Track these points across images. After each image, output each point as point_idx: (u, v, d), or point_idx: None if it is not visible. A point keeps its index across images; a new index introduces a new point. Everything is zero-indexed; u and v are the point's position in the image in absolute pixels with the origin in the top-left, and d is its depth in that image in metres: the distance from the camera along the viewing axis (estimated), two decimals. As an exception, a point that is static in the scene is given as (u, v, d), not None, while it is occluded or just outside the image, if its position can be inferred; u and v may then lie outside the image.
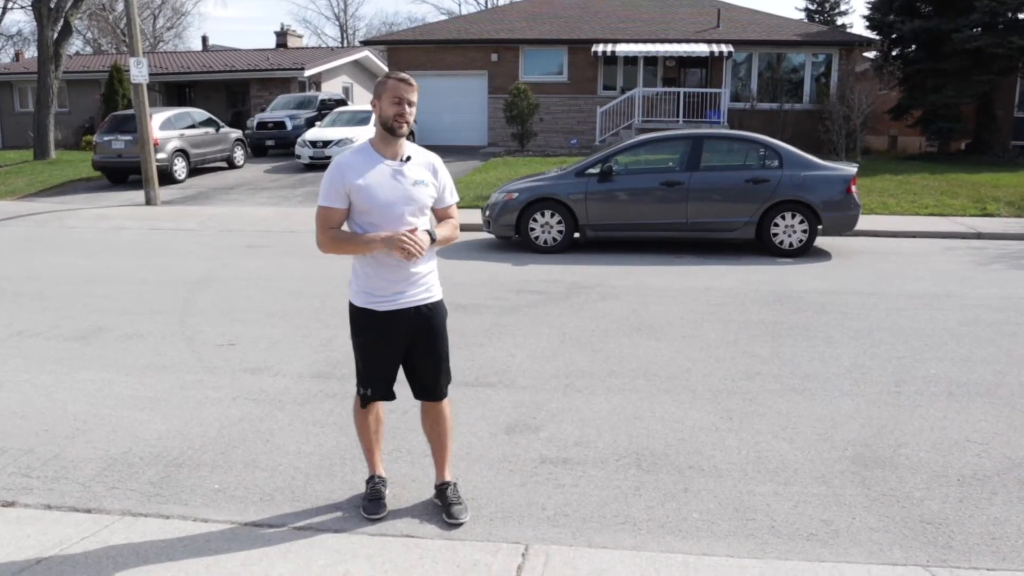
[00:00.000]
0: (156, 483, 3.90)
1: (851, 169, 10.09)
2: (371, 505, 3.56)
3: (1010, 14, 19.57)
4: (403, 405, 4.46)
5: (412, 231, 3.19)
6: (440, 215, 3.45)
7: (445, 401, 3.56)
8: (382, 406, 3.64)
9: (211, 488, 3.85)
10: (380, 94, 3.23)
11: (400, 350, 3.42)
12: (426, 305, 3.39)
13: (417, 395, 3.56)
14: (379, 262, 3.28)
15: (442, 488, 3.61)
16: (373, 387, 3.46)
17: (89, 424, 4.65)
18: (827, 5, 36.82)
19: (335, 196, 3.23)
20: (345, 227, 3.34)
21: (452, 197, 3.47)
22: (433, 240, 3.28)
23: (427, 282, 3.40)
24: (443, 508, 3.55)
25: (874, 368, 5.59)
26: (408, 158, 3.29)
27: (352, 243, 3.26)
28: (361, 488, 3.75)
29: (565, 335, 6.48)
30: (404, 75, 3.24)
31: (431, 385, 3.50)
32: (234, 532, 3.42)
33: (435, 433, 3.61)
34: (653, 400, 5.00)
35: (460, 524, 3.46)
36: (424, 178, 3.30)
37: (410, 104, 3.21)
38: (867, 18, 22.58)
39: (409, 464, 4.07)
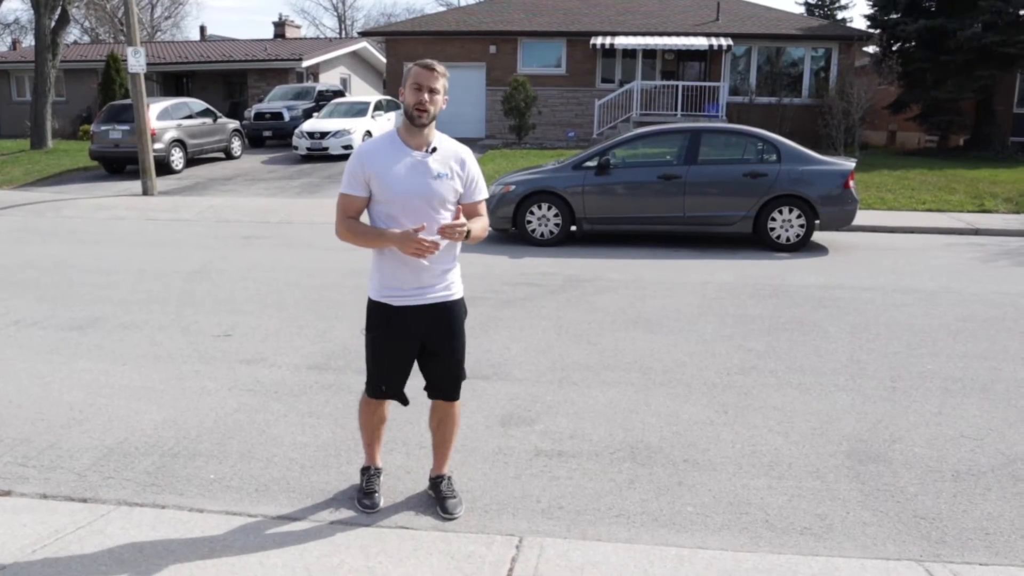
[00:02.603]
0: (152, 473, 3.90)
1: (849, 164, 10.09)
2: (366, 497, 3.56)
3: (1012, 10, 19.52)
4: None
5: (453, 225, 3.03)
6: (468, 211, 3.28)
7: (456, 401, 3.52)
8: (388, 405, 3.57)
9: (207, 478, 3.85)
10: (405, 82, 3.13)
11: (413, 348, 3.34)
12: (444, 303, 3.30)
13: (429, 394, 3.49)
14: (399, 257, 3.17)
15: (437, 481, 3.61)
16: (382, 384, 3.40)
17: (85, 414, 4.65)
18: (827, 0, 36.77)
19: (355, 184, 3.16)
20: (364, 217, 3.26)
21: (480, 193, 3.32)
22: (468, 234, 3.13)
23: (448, 279, 3.31)
24: (437, 502, 3.55)
25: (870, 363, 5.60)
26: (434, 149, 3.18)
27: (366, 236, 3.17)
28: (356, 479, 3.75)
29: (561, 328, 6.48)
30: (429, 61, 3.12)
31: (443, 386, 3.43)
32: (229, 522, 3.42)
33: (440, 431, 3.57)
34: (648, 394, 5.00)
35: (455, 518, 3.46)
36: (447, 171, 3.18)
37: (432, 91, 3.07)
38: (869, 17, 22.54)
39: (405, 456, 4.08)
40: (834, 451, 4.17)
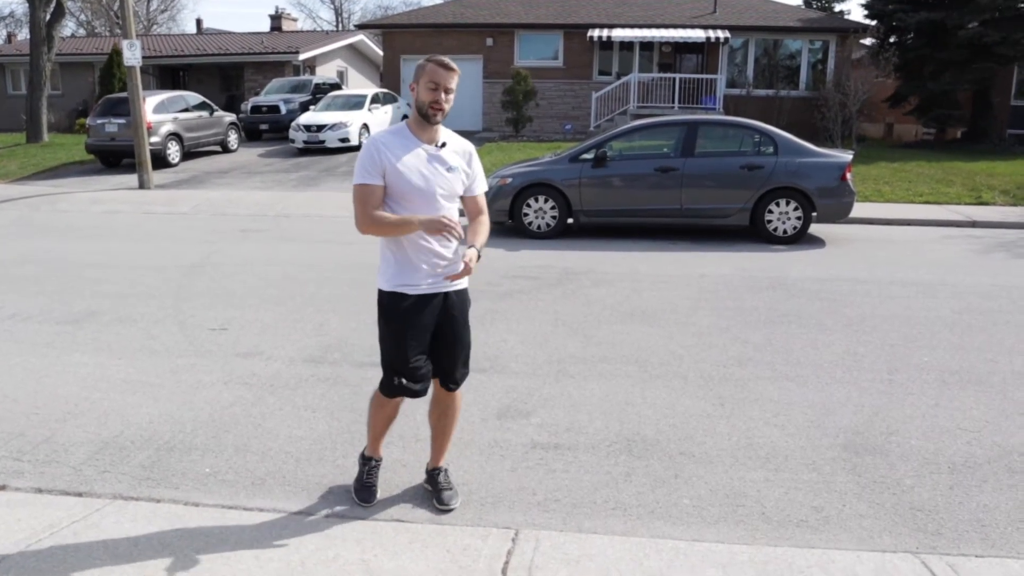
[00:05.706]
0: (147, 467, 3.89)
1: (846, 156, 10.08)
2: (362, 490, 3.56)
3: (1011, 7, 19.47)
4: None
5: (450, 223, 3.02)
6: (469, 204, 3.33)
7: (458, 392, 3.51)
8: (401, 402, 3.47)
9: (202, 472, 3.84)
10: (418, 77, 3.10)
11: (429, 335, 3.32)
12: (456, 292, 3.34)
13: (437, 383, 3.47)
14: (412, 245, 3.18)
15: (433, 473, 3.60)
16: (407, 376, 3.28)
17: (81, 408, 4.64)
18: (825, -9, 36.68)
19: (373, 173, 3.12)
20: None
21: (482, 187, 3.36)
22: (479, 256, 3.15)
23: (457, 269, 3.29)
24: (434, 493, 3.55)
25: (866, 355, 5.60)
26: (444, 144, 3.21)
27: (393, 226, 3.12)
28: (352, 473, 3.74)
29: (558, 321, 6.48)
30: (445, 59, 3.10)
31: (449, 374, 3.42)
32: (224, 516, 3.42)
33: (441, 423, 3.56)
34: (645, 386, 5.00)
35: (451, 510, 3.46)
36: (459, 165, 3.23)
37: (447, 91, 3.09)
38: (866, 6, 22.47)
39: (401, 449, 4.07)
40: (831, 443, 4.17)
